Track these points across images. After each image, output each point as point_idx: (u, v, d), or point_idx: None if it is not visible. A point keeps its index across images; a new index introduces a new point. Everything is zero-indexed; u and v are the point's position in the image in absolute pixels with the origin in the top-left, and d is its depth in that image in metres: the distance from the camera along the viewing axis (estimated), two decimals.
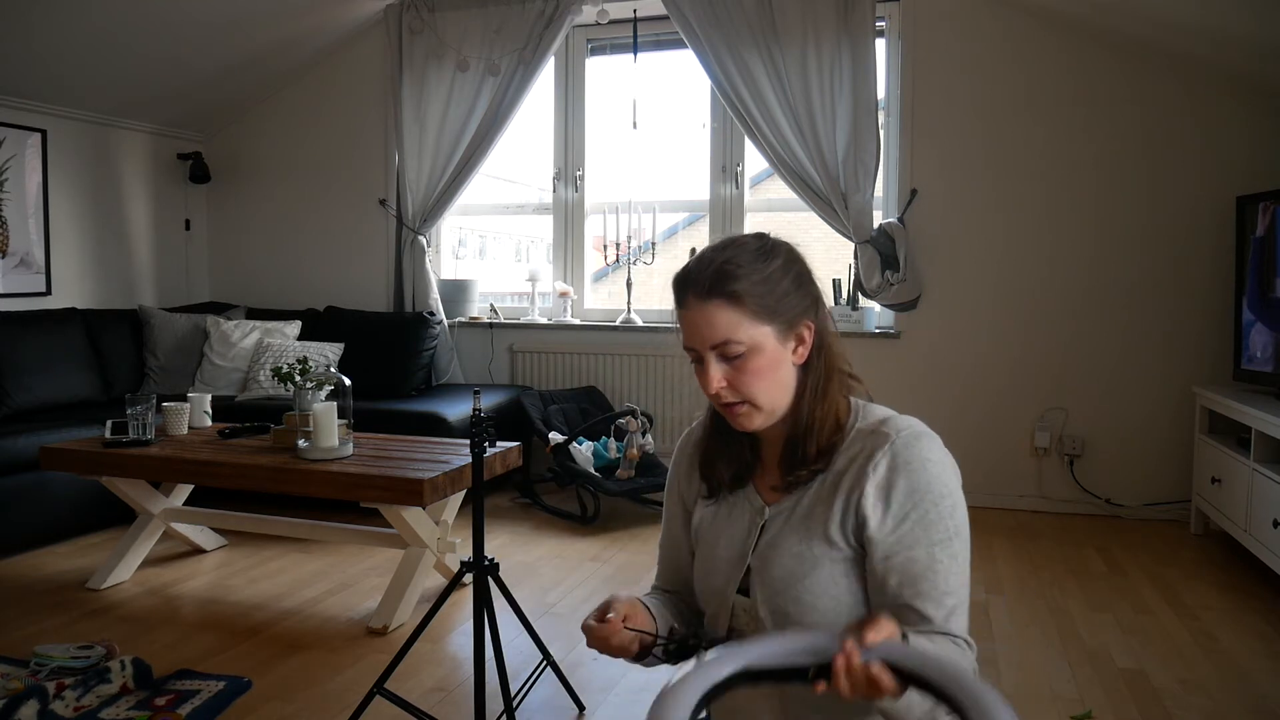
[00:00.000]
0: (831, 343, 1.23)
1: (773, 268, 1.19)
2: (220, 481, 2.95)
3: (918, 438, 1.15)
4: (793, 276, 1.20)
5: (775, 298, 1.18)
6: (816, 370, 1.22)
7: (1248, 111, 3.83)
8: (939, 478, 1.13)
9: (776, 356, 1.19)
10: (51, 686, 2.25)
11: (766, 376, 1.19)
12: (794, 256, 1.23)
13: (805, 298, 1.21)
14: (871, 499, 1.14)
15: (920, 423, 1.19)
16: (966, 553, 1.15)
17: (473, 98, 4.66)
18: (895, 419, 1.19)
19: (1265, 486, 3.03)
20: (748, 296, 1.17)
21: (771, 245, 1.23)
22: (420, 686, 2.38)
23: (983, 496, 4.22)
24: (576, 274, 4.88)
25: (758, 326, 1.17)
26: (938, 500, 1.13)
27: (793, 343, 1.20)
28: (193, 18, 4.21)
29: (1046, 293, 4.11)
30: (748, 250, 1.21)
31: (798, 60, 4.14)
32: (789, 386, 1.21)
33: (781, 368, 1.20)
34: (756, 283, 1.18)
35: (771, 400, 1.20)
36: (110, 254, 4.86)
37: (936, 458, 1.15)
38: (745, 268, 1.18)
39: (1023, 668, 2.51)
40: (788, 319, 1.19)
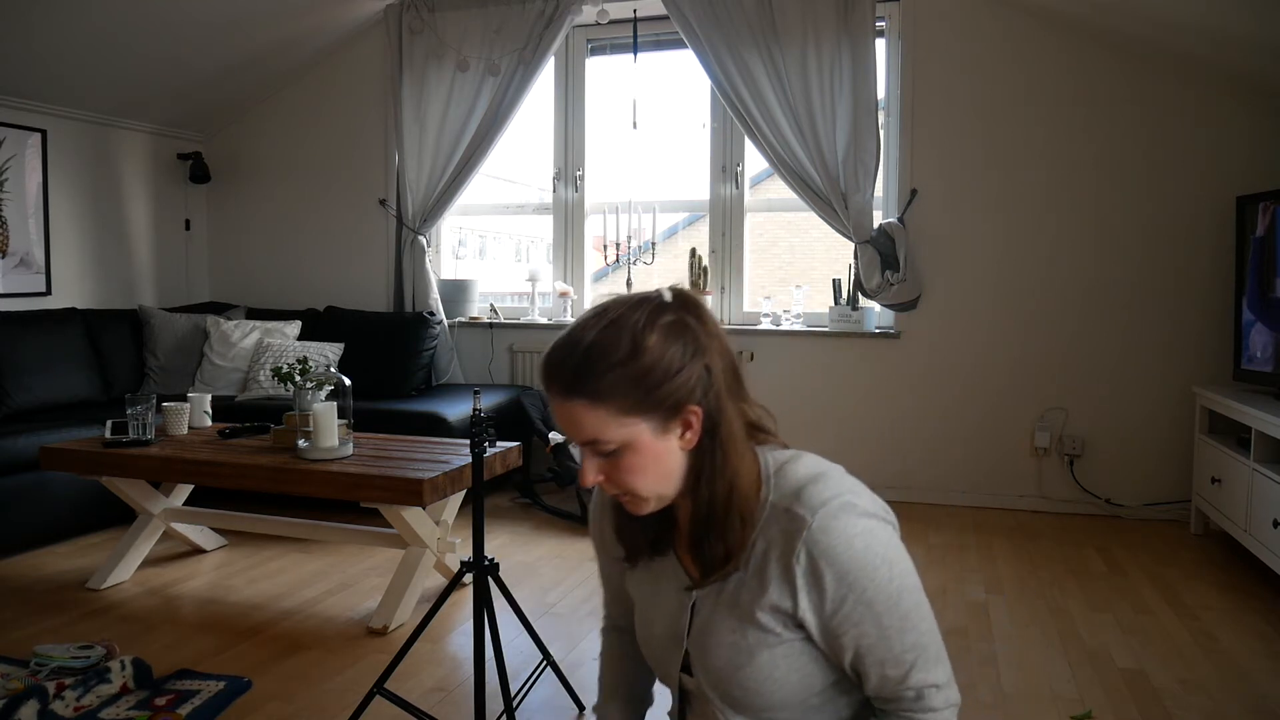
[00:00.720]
0: (727, 418, 1.09)
1: (646, 358, 1.04)
2: (220, 481, 2.95)
3: (834, 516, 1.05)
4: (672, 358, 1.05)
5: (647, 390, 1.04)
6: (710, 454, 1.09)
7: (1248, 111, 3.83)
8: (865, 552, 1.05)
9: (656, 450, 1.08)
10: (51, 686, 2.25)
11: (646, 472, 1.08)
12: (677, 329, 1.07)
13: (690, 377, 1.06)
14: (802, 592, 1.07)
15: (835, 484, 1.09)
16: (916, 601, 1.10)
17: (473, 98, 4.66)
18: (807, 491, 1.08)
19: (1265, 486, 3.03)
20: (613, 395, 1.04)
21: (647, 322, 1.06)
22: (420, 686, 2.38)
23: (983, 496, 4.22)
24: (576, 274, 4.88)
25: (629, 424, 1.05)
26: (871, 575, 1.05)
27: (677, 430, 1.08)
28: (193, 18, 4.21)
29: (1046, 293, 4.11)
30: (617, 335, 1.05)
31: (798, 60, 4.14)
32: (675, 475, 1.10)
33: (664, 459, 1.09)
34: (623, 378, 1.04)
35: (656, 491, 1.11)
36: (110, 254, 4.86)
37: (858, 530, 1.06)
38: (609, 361, 1.04)
39: (1023, 668, 2.51)
40: (666, 409, 1.06)
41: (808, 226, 4.23)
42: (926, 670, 1.11)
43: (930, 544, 3.67)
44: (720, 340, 1.12)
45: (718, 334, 1.12)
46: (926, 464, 4.29)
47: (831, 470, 1.13)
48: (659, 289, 1.13)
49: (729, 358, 1.13)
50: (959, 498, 4.25)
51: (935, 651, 1.13)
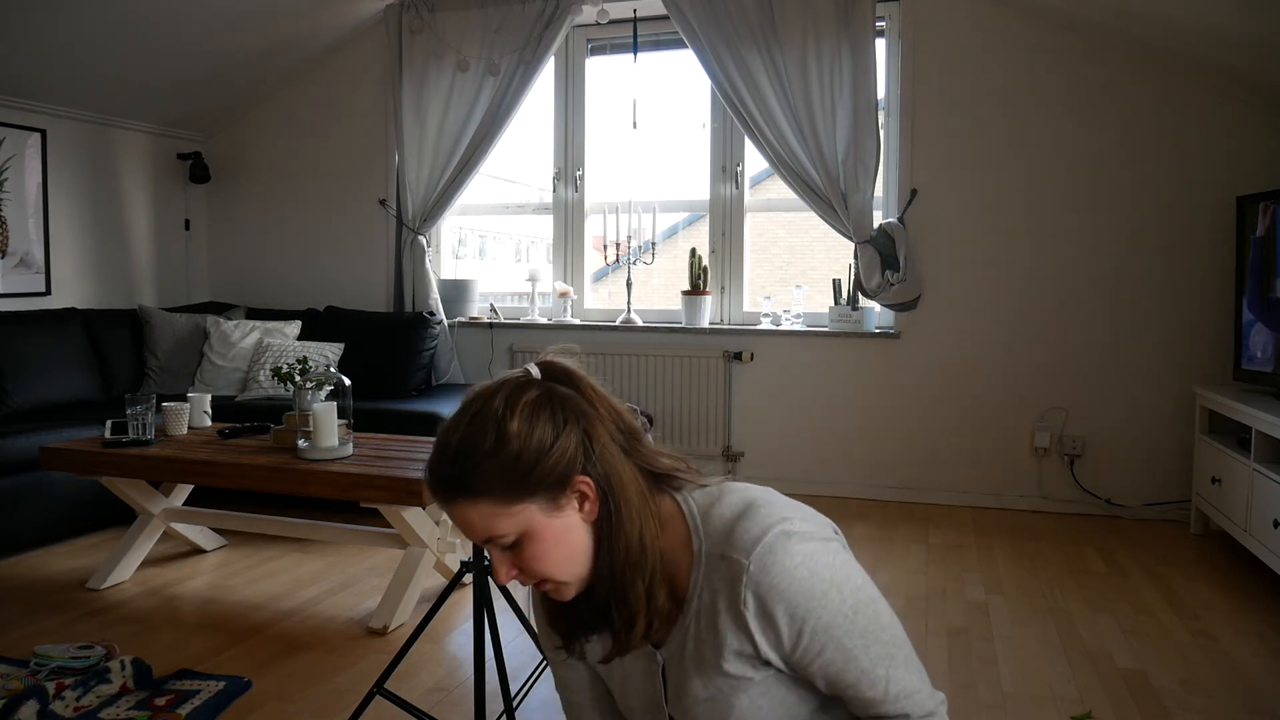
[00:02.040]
0: (621, 480, 1.06)
1: (514, 443, 1.02)
2: (220, 481, 2.95)
3: (770, 552, 1.02)
4: (542, 435, 1.03)
5: (523, 474, 1.02)
6: (610, 520, 1.06)
7: (1248, 112, 3.83)
8: (811, 580, 1.03)
9: (555, 531, 1.04)
10: (51, 686, 2.25)
11: (552, 555, 1.05)
12: (542, 403, 1.05)
13: (566, 448, 1.04)
14: (759, 634, 1.04)
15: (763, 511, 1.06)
16: (874, 613, 1.07)
17: (473, 98, 4.66)
18: (737, 532, 1.05)
19: (1265, 486, 3.03)
20: (491, 488, 1.02)
21: (507, 406, 1.04)
22: (420, 686, 2.38)
23: (983, 496, 4.22)
24: (576, 274, 4.88)
25: (517, 512, 1.03)
26: (823, 602, 1.03)
27: (573, 504, 1.05)
28: (193, 18, 4.21)
29: (1046, 293, 4.11)
30: (481, 427, 1.03)
31: (798, 60, 4.14)
32: (585, 550, 1.07)
33: (568, 537, 1.05)
34: (496, 469, 1.02)
35: (571, 573, 1.07)
36: (110, 254, 4.86)
37: (798, 559, 1.03)
38: (477, 455, 1.02)
39: (1023, 668, 2.51)
40: (551, 487, 1.03)
41: (808, 226, 4.23)
42: (901, 681, 1.09)
43: (930, 544, 3.67)
44: (604, 400, 1.10)
45: (598, 395, 1.10)
46: (926, 464, 4.29)
47: (758, 499, 1.09)
48: (525, 366, 1.11)
49: (617, 416, 1.10)
50: (959, 498, 4.25)
51: (905, 657, 1.10)
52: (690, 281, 4.58)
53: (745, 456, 4.52)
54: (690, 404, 4.52)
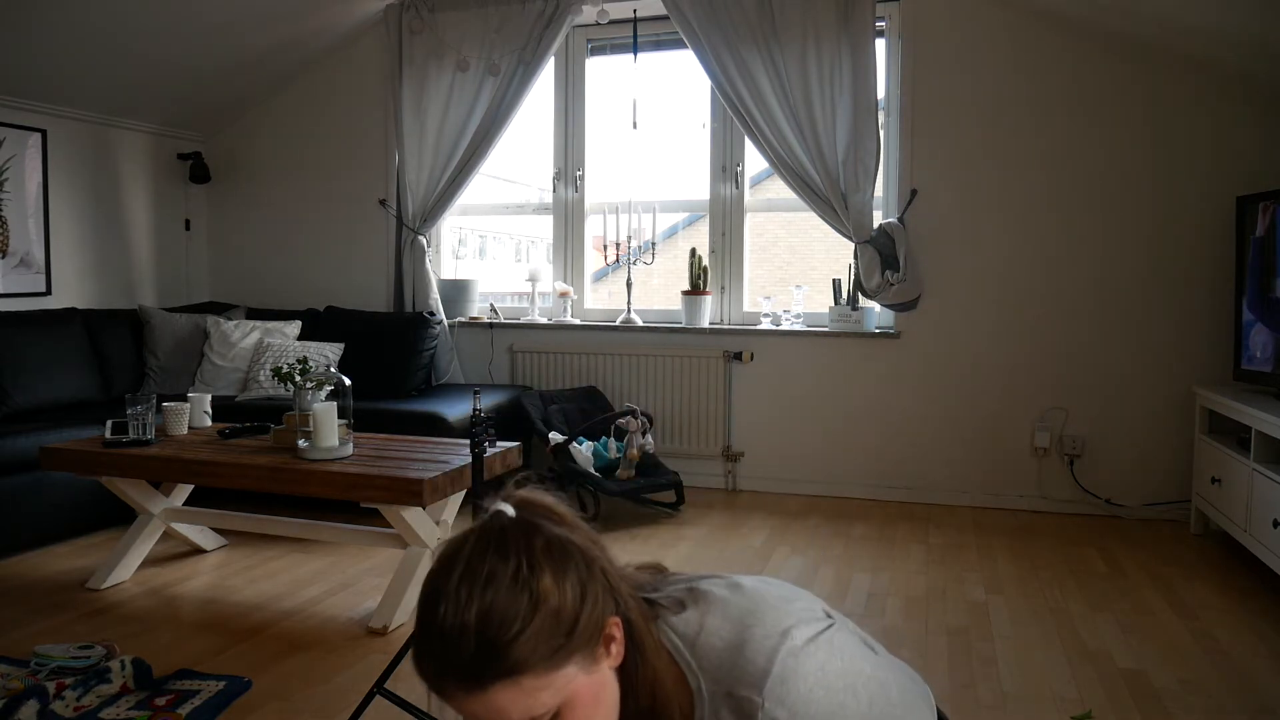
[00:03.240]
0: (635, 615, 0.99)
1: (551, 601, 0.89)
2: (220, 481, 2.95)
3: (783, 683, 0.96)
4: (574, 586, 0.91)
5: (567, 634, 0.90)
6: (632, 660, 0.98)
7: (1248, 112, 3.83)
8: (827, 699, 0.98)
9: (594, 688, 0.94)
10: (51, 686, 2.25)
11: (593, 712, 0.94)
12: (557, 549, 0.93)
13: (598, 593, 0.93)
14: None
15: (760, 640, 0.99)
16: (888, 698, 1.04)
17: (473, 98, 4.66)
18: (741, 666, 0.98)
19: (1265, 486, 3.03)
20: (533, 658, 0.88)
21: (527, 558, 0.91)
22: (420, 686, 2.37)
23: (983, 496, 4.22)
24: (576, 274, 4.88)
25: (560, 677, 0.90)
26: (842, 715, 0.99)
27: (604, 652, 0.95)
28: (193, 18, 4.21)
29: (1046, 293, 4.11)
30: (506, 590, 0.88)
31: (798, 60, 4.14)
32: (616, 702, 0.98)
33: (604, 693, 0.95)
34: (537, 635, 0.88)
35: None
36: (110, 254, 4.86)
37: (811, 681, 0.98)
38: (515, 625, 0.87)
39: (1023, 668, 2.51)
40: (590, 639, 0.92)
41: (808, 226, 4.23)
42: None
43: (930, 544, 3.67)
44: (582, 528, 1.00)
45: (576, 523, 1.00)
46: (926, 464, 4.29)
47: (746, 611, 1.02)
48: (496, 509, 0.97)
49: (597, 542, 1.00)
50: (959, 498, 4.25)
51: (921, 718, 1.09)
52: (690, 281, 4.58)
53: (745, 456, 4.52)
54: (690, 404, 4.52)
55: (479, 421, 2.03)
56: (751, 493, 4.49)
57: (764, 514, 4.11)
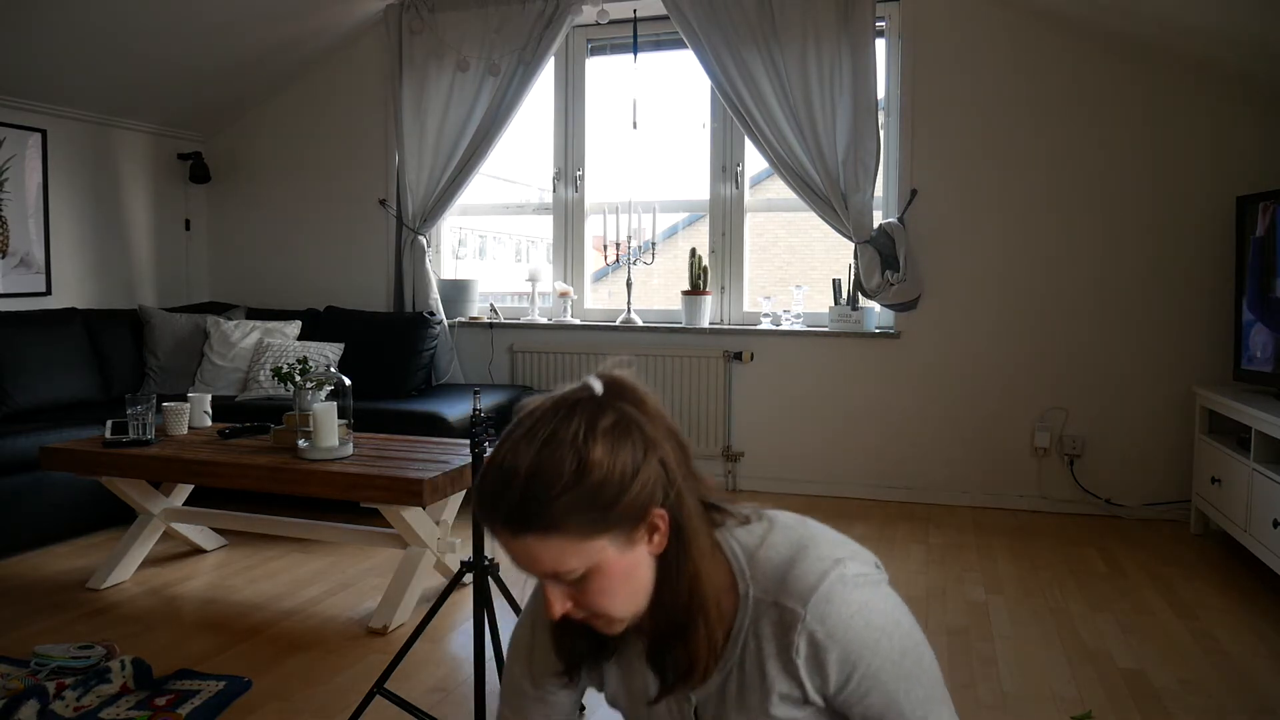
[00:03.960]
0: (689, 513, 1.01)
1: (596, 473, 0.94)
2: (220, 481, 2.95)
3: (826, 601, 1.00)
4: (624, 465, 0.95)
5: (604, 508, 0.94)
6: (675, 557, 1.01)
7: (1248, 112, 3.83)
8: (865, 630, 1.01)
9: (625, 566, 0.98)
10: (51, 686, 2.25)
11: (617, 592, 0.99)
12: (622, 429, 0.97)
13: (648, 480, 0.97)
14: (807, 679, 1.02)
15: (815, 561, 1.03)
16: (918, 656, 1.05)
17: (473, 98, 4.66)
18: (792, 578, 1.02)
19: (1265, 486, 3.03)
20: (568, 522, 0.94)
21: (587, 430, 0.95)
22: (420, 686, 2.38)
23: (983, 496, 4.22)
24: (576, 274, 4.88)
25: (591, 547, 0.95)
26: (874, 650, 1.02)
27: (644, 537, 0.99)
28: (193, 18, 4.21)
29: (1046, 292, 4.11)
30: (558, 453, 0.94)
31: (798, 60, 4.14)
32: (648, 586, 1.02)
33: (635, 573, 1.00)
34: (576, 501, 0.93)
35: (629, 609, 1.02)
36: (110, 254, 4.86)
37: (854, 608, 1.01)
38: (555, 486, 0.93)
39: (1023, 668, 2.51)
40: (629, 520, 0.97)
41: (808, 226, 4.23)
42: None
43: (930, 544, 3.67)
44: (664, 421, 1.03)
45: (660, 414, 1.02)
46: (926, 464, 4.29)
47: (807, 537, 1.06)
48: (586, 382, 1.01)
49: (676, 438, 1.03)
50: (959, 498, 4.25)
51: (942, 698, 1.09)
52: (690, 281, 4.58)
53: (745, 456, 4.52)
54: (690, 404, 4.52)
55: (479, 421, 2.03)
56: (751, 493, 4.49)
57: None
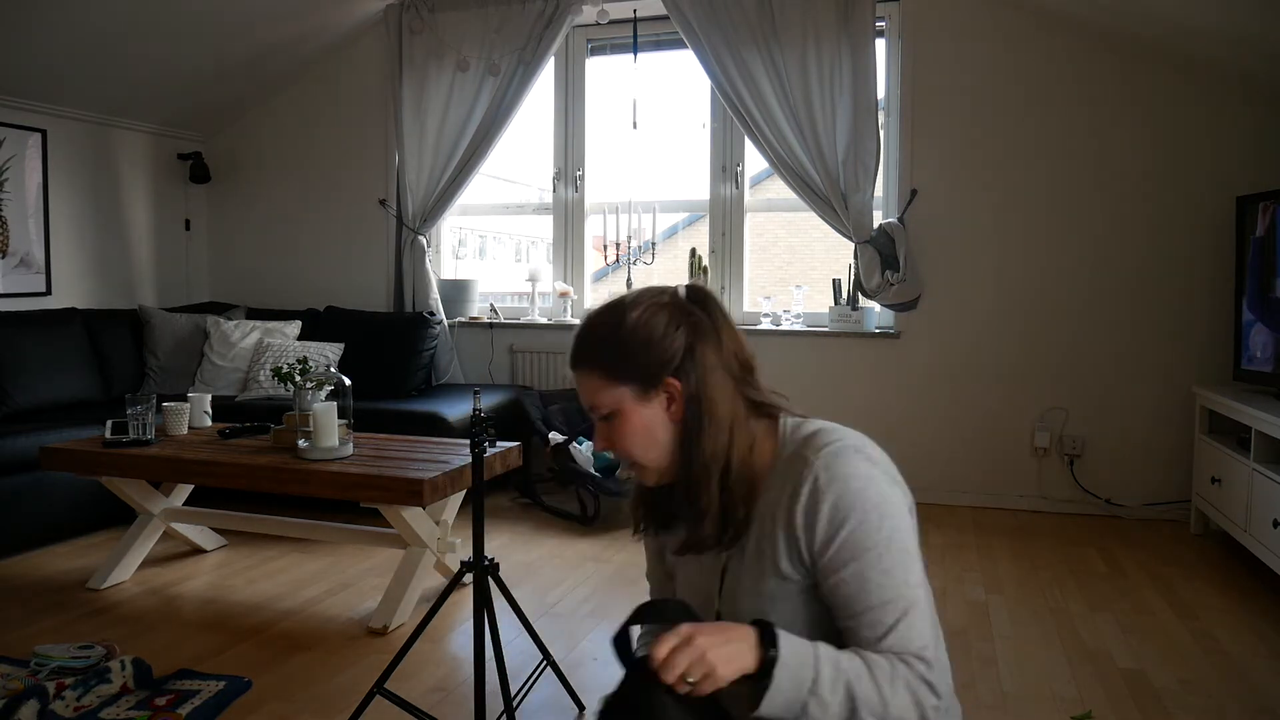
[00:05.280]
0: (711, 395, 1.17)
1: (625, 328, 1.17)
2: (220, 481, 2.95)
3: (837, 455, 1.12)
4: (651, 329, 1.16)
5: (623, 356, 1.16)
6: (692, 428, 1.17)
7: (1248, 112, 3.83)
8: (861, 493, 1.10)
9: (642, 417, 1.18)
10: (51, 686, 2.25)
11: (636, 438, 1.18)
12: (668, 309, 1.18)
13: (667, 349, 1.16)
14: (800, 527, 1.12)
15: (846, 434, 1.17)
16: (905, 560, 1.10)
17: (473, 98, 4.66)
18: (817, 436, 1.17)
19: (1265, 486, 3.03)
20: (599, 361, 1.18)
21: (639, 300, 1.19)
22: (420, 686, 2.38)
23: (983, 496, 4.22)
24: (576, 274, 4.88)
25: (614, 390, 1.17)
26: (862, 517, 1.09)
27: (661, 400, 1.17)
28: (193, 18, 4.21)
29: (1046, 292, 4.11)
30: (608, 311, 1.20)
31: (798, 60, 4.14)
32: (665, 445, 1.19)
33: (653, 428, 1.18)
34: (606, 346, 1.18)
35: (650, 459, 1.20)
36: (110, 254, 4.86)
37: (859, 471, 1.11)
38: (598, 331, 1.19)
39: (1023, 668, 2.51)
40: (644, 378, 1.16)
41: (808, 226, 4.23)
42: (902, 638, 1.08)
43: (930, 544, 3.67)
44: (729, 331, 1.21)
45: (724, 325, 1.21)
46: (926, 464, 4.28)
47: (845, 429, 1.19)
48: (678, 285, 1.23)
49: (736, 347, 1.22)
50: (959, 498, 4.25)
51: (921, 620, 1.10)
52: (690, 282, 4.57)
53: None
54: None
55: (479, 421, 2.03)
56: None
57: None
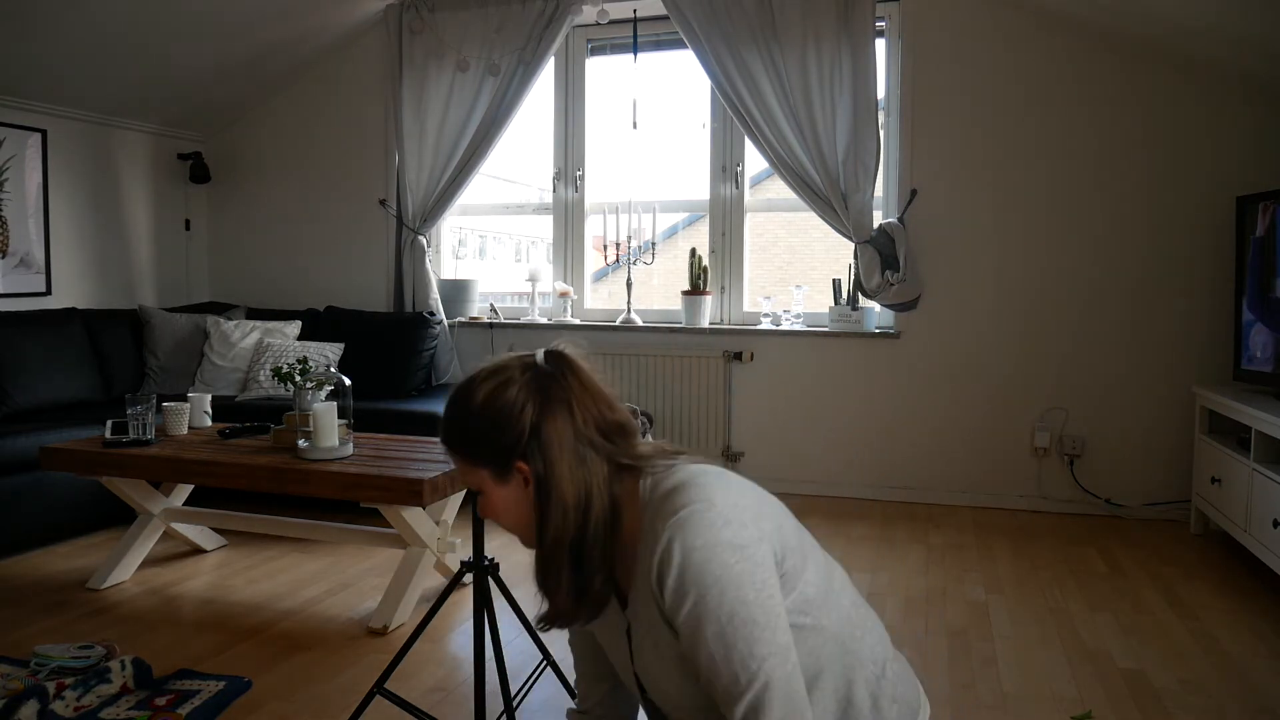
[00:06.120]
0: (558, 471, 1.14)
1: (473, 412, 1.17)
2: (220, 481, 2.95)
3: (683, 525, 1.08)
4: (495, 413, 1.16)
5: (475, 444, 1.18)
6: (541, 505, 1.16)
7: (1248, 112, 3.83)
8: (702, 567, 1.06)
9: (504, 497, 1.19)
10: (51, 686, 2.25)
11: (503, 515, 1.21)
12: (505, 383, 1.17)
13: (510, 435, 1.15)
14: (658, 596, 1.11)
15: (697, 489, 1.11)
16: (751, 632, 1.05)
17: (473, 98, 4.66)
18: (670, 500, 1.11)
19: (1265, 486, 3.03)
20: (455, 446, 1.21)
21: (485, 377, 1.19)
22: (420, 686, 2.38)
23: (983, 496, 4.23)
24: (576, 274, 4.88)
25: (475, 472, 1.19)
26: (702, 592, 1.05)
27: (519, 479, 1.17)
28: (193, 18, 4.21)
29: (1046, 292, 4.11)
30: (460, 392, 1.20)
31: (798, 60, 4.14)
32: (531, 520, 1.18)
33: (517, 505, 1.19)
34: (458, 431, 1.20)
35: (520, 533, 1.21)
36: (110, 254, 4.86)
37: (701, 542, 1.06)
38: (450, 414, 1.21)
39: (1023, 668, 2.51)
40: (496, 463, 1.17)
41: (808, 226, 4.23)
42: (759, 714, 1.05)
43: (930, 544, 3.67)
44: (586, 398, 1.18)
45: (580, 393, 1.18)
46: (926, 464, 4.29)
47: (699, 477, 1.14)
48: (538, 350, 1.22)
49: (596, 413, 1.18)
50: (959, 498, 4.25)
51: (773, 696, 1.05)
52: (690, 281, 4.58)
53: (745, 456, 4.52)
54: (690, 404, 4.52)
55: None
56: None
57: None
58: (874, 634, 1.25)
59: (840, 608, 1.21)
